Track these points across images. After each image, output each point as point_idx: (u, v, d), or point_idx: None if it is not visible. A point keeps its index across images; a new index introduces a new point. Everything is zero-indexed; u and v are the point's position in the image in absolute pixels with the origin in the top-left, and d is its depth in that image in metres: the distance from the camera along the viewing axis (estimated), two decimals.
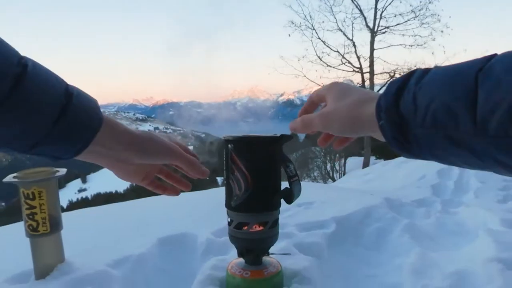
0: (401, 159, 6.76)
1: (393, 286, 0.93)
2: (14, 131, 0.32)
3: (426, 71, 0.31)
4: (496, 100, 0.24)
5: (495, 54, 0.26)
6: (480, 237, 1.12)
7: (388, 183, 4.05)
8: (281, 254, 0.84)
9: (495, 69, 0.25)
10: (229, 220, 0.66)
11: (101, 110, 0.40)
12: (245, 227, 0.64)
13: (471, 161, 0.28)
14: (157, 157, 0.45)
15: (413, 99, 0.30)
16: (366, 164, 9.84)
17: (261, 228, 0.64)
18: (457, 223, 1.55)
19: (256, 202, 0.62)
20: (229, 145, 0.62)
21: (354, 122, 0.38)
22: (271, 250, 0.70)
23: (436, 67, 0.31)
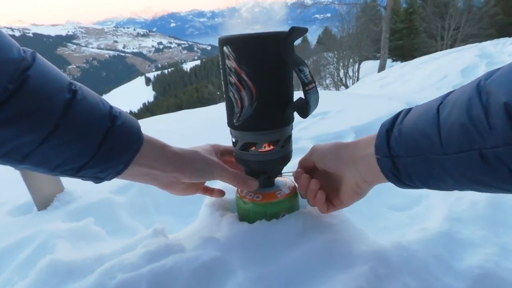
0: (421, 59, 6.33)
1: (417, 197, 0.86)
2: (64, 155, 0.33)
3: (408, 110, 0.37)
4: (451, 120, 0.30)
5: (451, 92, 0.32)
6: None
7: (406, 86, 3.83)
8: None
9: (449, 102, 0.31)
10: (233, 141, 0.55)
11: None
12: (253, 148, 0.53)
13: (448, 181, 0.32)
14: (210, 177, 0.49)
15: (399, 133, 0.35)
16: (382, 68, 9.43)
17: (271, 147, 0.54)
18: None
19: (263, 118, 0.50)
20: (225, 48, 0.47)
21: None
22: (285, 169, 0.62)
23: (416, 106, 0.36)
